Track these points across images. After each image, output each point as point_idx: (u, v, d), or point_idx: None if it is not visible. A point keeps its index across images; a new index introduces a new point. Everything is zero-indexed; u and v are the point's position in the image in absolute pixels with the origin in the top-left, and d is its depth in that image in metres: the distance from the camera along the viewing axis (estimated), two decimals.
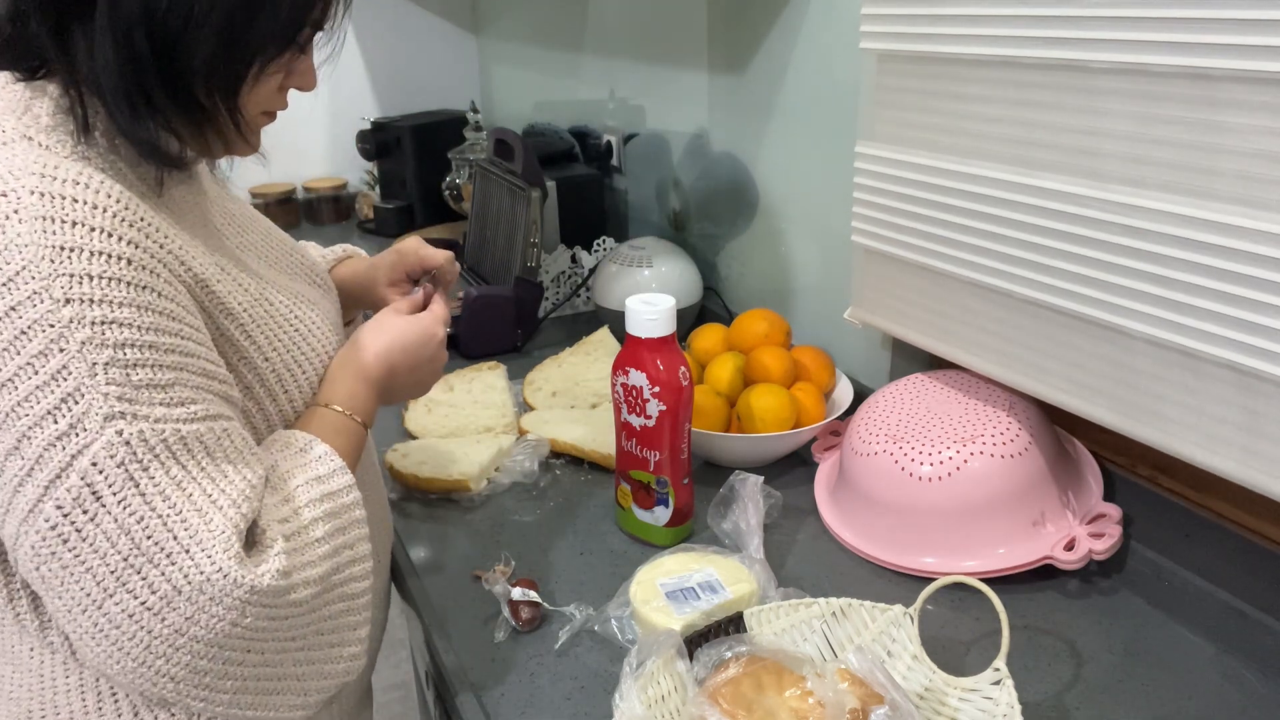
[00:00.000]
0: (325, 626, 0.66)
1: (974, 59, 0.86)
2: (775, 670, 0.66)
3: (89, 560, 0.55)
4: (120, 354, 0.55)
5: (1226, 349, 0.70)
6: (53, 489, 0.54)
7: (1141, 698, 0.74)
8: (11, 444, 0.55)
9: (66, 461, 0.54)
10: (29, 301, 0.54)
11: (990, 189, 0.86)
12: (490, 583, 0.87)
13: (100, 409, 0.55)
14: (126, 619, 0.56)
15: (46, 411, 0.54)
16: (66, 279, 0.54)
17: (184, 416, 0.58)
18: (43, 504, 0.55)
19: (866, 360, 1.22)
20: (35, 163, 0.56)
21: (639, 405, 0.91)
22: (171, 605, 0.56)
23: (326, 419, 0.73)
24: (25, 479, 0.55)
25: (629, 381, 0.91)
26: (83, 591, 0.56)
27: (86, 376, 0.54)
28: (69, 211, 0.55)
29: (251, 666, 0.61)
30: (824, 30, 1.19)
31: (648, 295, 0.91)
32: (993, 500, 0.87)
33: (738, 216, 1.46)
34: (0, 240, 0.54)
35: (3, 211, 0.55)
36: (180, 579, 0.56)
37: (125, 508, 0.55)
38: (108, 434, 0.55)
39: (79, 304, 0.54)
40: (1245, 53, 0.65)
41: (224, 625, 0.58)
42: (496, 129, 1.55)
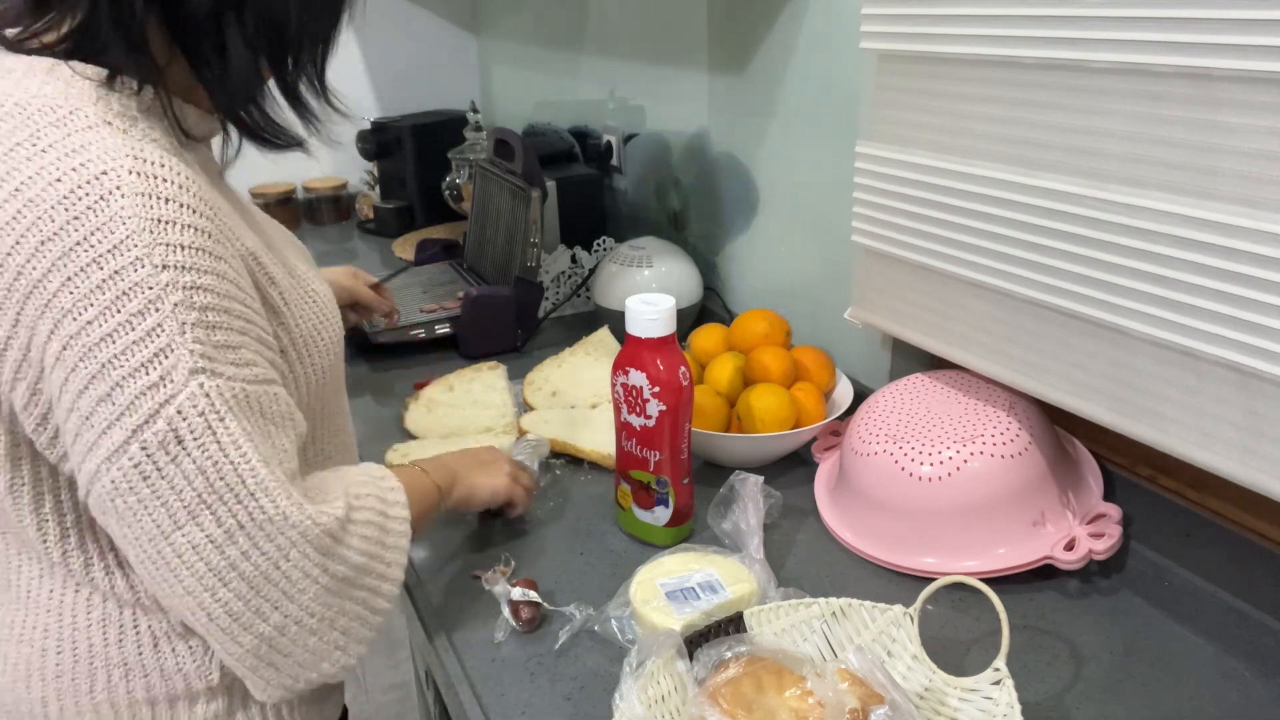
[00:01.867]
0: (339, 619, 0.69)
1: (974, 59, 0.86)
2: (775, 670, 0.66)
3: (165, 496, 0.62)
4: (204, 316, 0.62)
5: (1227, 349, 0.70)
6: (140, 432, 0.61)
7: (1141, 698, 0.74)
8: (104, 391, 0.61)
9: (155, 409, 0.61)
10: (131, 267, 0.60)
11: (990, 189, 0.86)
12: (490, 583, 0.87)
13: (187, 364, 0.61)
14: (190, 549, 0.63)
15: (141, 363, 0.61)
16: (164, 248, 0.61)
17: (248, 377, 0.65)
18: (129, 445, 0.61)
19: (866, 360, 1.22)
20: (125, 145, 0.63)
21: (639, 405, 0.91)
22: (233, 539, 0.63)
23: (406, 470, 0.85)
24: (114, 422, 0.61)
25: (629, 381, 0.91)
26: (154, 523, 0.62)
27: (177, 334, 0.61)
28: (162, 189, 0.62)
29: (272, 624, 0.66)
30: (824, 30, 1.19)
31: (648, 295, 0.91)
32: (993, 500, 0.87)
33: (738, 216, 1.46)
34: (106, 213, 0.60)
35: (106, 188, 0.61)
36: (245, 517, 0.63)
37: (203, 452, 0.62)
38: (192, 386, 0.61)
39: (174, 270, 0.61)
40: (1245, 53, 0.65)
41: (269, 564, 0.64)
42: (496, 129, 1.55)
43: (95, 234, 0.60)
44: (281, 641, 0.67)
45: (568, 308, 1.59)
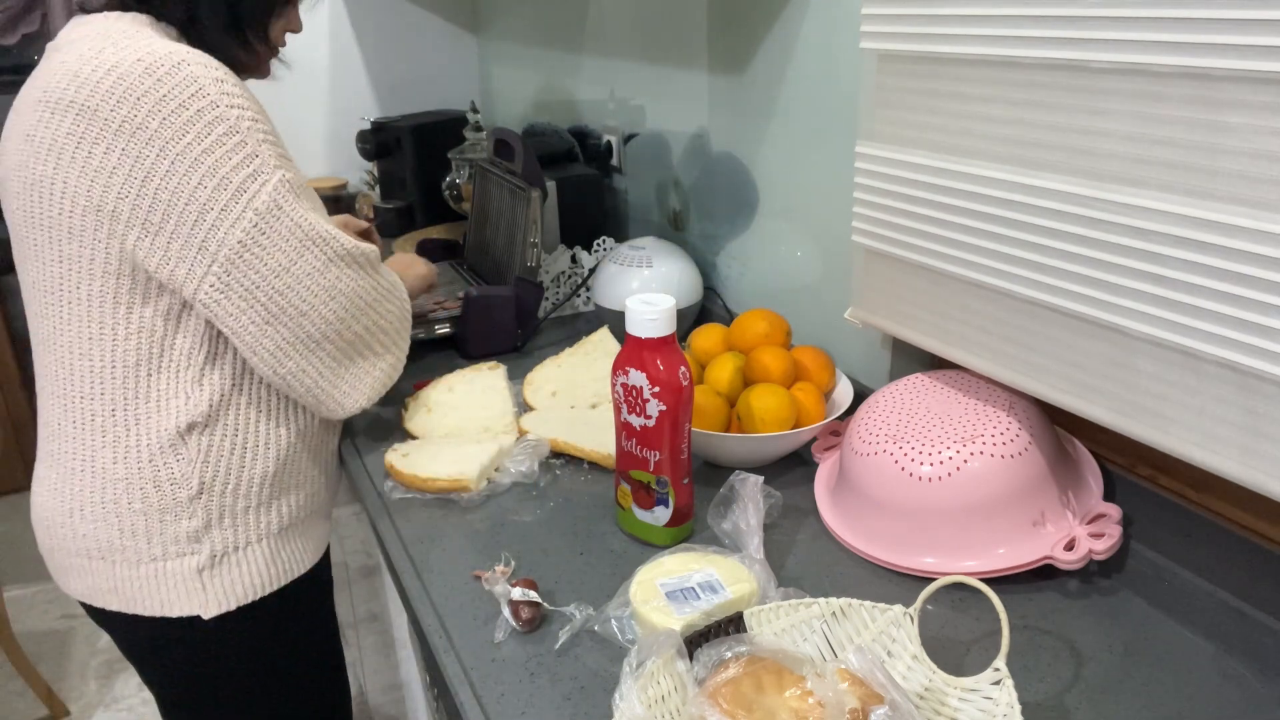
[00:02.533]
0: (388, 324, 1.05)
1: (974, 59, 0.86)
2: (775, 670, 0.66)
3: (279, 242, 0.92)
4: (268, 136, 0.92)
5: (1227, 349, 0.70)
6: (252, 202, 0.90)
7: (1141, 698, 0.74)
8: (217, 182, 0.89)
9: (258, 189, 0.90)
10: (211, 105, 0.88)
11: (990, 189, 0.86)
12: (490, 583, 0.87)
13: (271, 160, 0.91)
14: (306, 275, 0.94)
15: (238, 163, 0.89)
16: (228, 95, 0.89)
17: (297, 178, 0.94)
18: (245, 212, 0.90)
19: (866, 360, 1.22)
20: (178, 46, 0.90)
21: (639, 405, 0.91)
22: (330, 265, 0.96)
23: None
24: (233, 199, 0.89)
25: (629, 381, 0.91)
26: (276, 261, 0.92)
27: (258, 144, 0.90)
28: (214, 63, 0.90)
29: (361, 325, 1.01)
30: (824, 30, 1.19)
31: (648, 295, 0.91)
32: (993, 500, 0.87)
33: (738, 216, 1.46)
34: (181, 73, 0.88)
35: (176, 60, 0.88)
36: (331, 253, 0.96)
37: (296, 213, 0.93)
38: (278, 175, 0.91)
39: (239, 109, 0.89)
40: (1245, 53, 0.65)
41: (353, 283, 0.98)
42: (496, 129, 1.55)
43: (177, 88, 0.87)
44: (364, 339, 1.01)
45: (568, 308, 1.59)
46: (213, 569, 1.01)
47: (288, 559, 1.07)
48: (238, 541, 1.02)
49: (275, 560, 1.05)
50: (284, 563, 1.06)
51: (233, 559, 1.02)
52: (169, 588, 1.00)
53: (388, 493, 1.07)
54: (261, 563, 1.04)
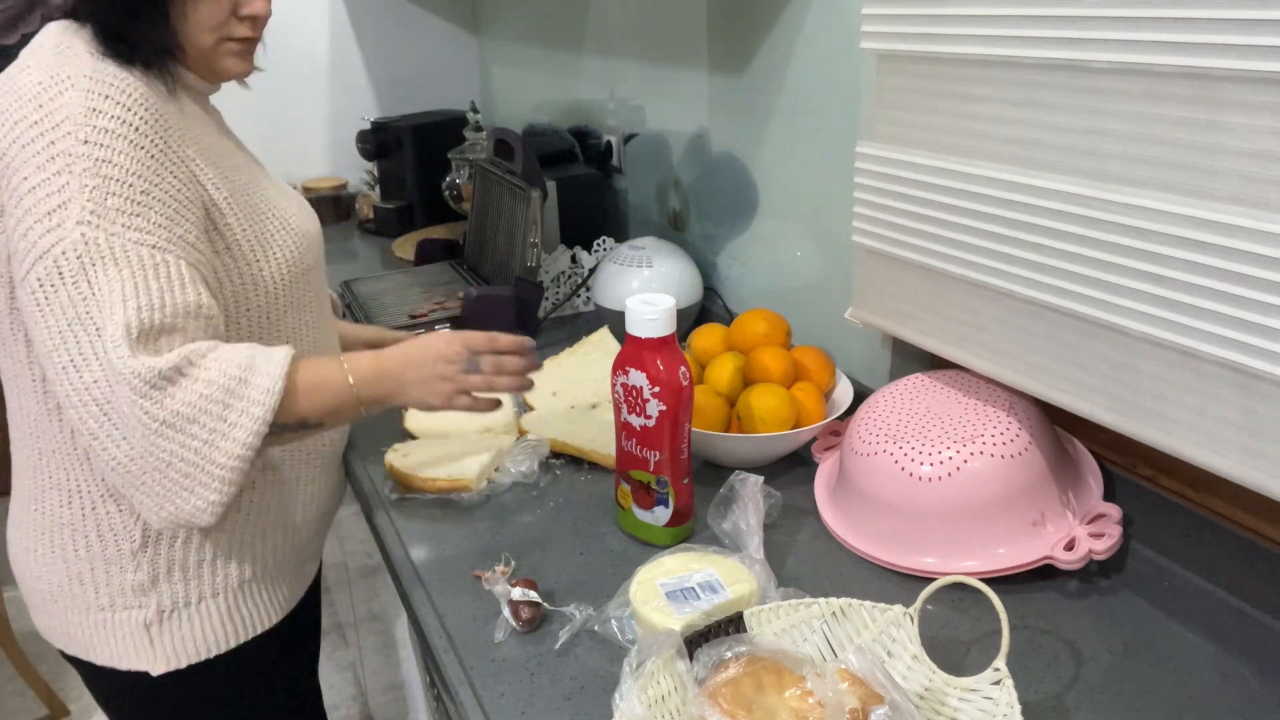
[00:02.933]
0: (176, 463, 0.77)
1: (975, 59, 0.86)
2: (775, 670, 0.66)
3: (49, 320, 0.76)
4: (105, 184, 0.77)
5: (1227, 349, 0.70)
6: (39, 262, 0.76)
7: (1141, 698, 0.74)
8: (26, 227, 0.77)
9: (48, 246, 0.76)
10: (63, 139, 0.77)
11: (991, 189, 0.86)
12: (490, 583, 0.87)
13: (75, 215, 0.76)
14: (60, 369, 0.77)
15: (47, 211, 0.76)
16: (89, 129, 0.77)
17: (135, 239, 0.77)
18: (32, 271, 0.76)
19: (866, 360, 1.22)
20: (91, 61, 0.81)
21: (639, 405, 0.91)
22: (80, 369, 0.76)
23: (325, 361, 0.89)
24: (27, 252, 0.77)
25: (629, 381, 0.91)
26: (44, 341, 0.77)
27: (77, 191, 0.76)
28: (106, 90, 0.79)
29: (123, 451, 0.77)
30: (824, 30, 1.19)
31: (647, 295, 0.91)
32: (993, 500, 0.87)
33: (738, 216, 1.46)
34: (59, 100, 0.79)
35: (63, 86, 0.79)
36: (90, 351, 0.76)
37: (75, 288, 0.76)
38: (75, 233, 0.76)
39: (91, 145, 0.77)
40: (1245, 53, 0.65)
41: (110, 396, 0.76)
42: (496, 129, 1.55)
43: (50, 115, 0.78)
44: (133, 469, 0.77)
45: (568, 308, 1.59)
46: (161, 624, 0.92)
47: (249, 614, 0.97)
48: (189, 596, 0.93)
49: (233, 616, 0.96)
50: (244, 618, 0.97)
51: (183, 614, 0.93)
52: (117, 640, 0.93)
53: (387, 493, 1.07)
54: (216, 619, 0.95)
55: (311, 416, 0.85)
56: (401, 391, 0.91)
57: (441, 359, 0.92)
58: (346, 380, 0.87)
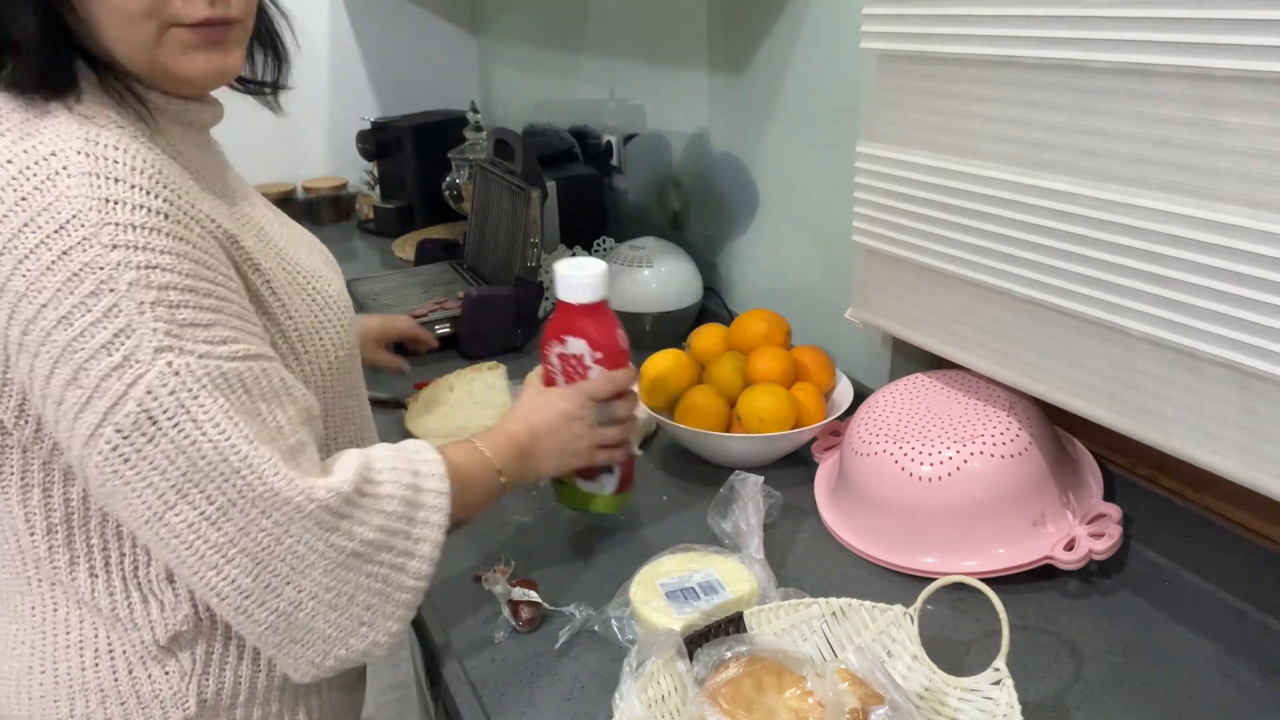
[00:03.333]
0: (359, 595, 0.67)
1: (975, 59, 0.86)
2: (775, 670, 0.66)
3: (150, 477, 0.61)
4: (165, 295, 0.60)
5: (1227, 349, 0.70)
6: (111, 414, 0.59)
7: (1141, 698, 0.74)
8: (69, 375, 0.60)
9: (123, 390, 0.59)
10: (79, 247, 0.59)
11: (991, 189, 0.86)
12: (490, 583, 0.87)
13: (151, 342, 0.60)
14: (186, 528, 0.62)
15: (101, 345, 0.59)
16: (113, 227, 0.59)
17: (226, 354, 0.63)
18: (103, 428, 0.60)
19: (866, 360, 1.22)
20: (79, 129, 0.62)
21: (579, 373, 0.88)
22: (227, 515, 0.62)
23: (462, 447, 0.80)
24: (85, 406, 0.60)
25: (567, 350, 0.88)
26: (144, 504, 0.61)
27: (136, 314, 0.59)
28: (112, 169, 0.61)
29: (285, 599, 0.65)
30: (824, 30, 1.19)
31: (574, 260, 0.88)
32: (993, 500, 0.87)
33: (738, 216, 1.46)
34: (52, 193, 0.59)
35: (53, 168, 0.60)
36: (234, 493, 0.62)
37: (180, 430, 0.60)
38: (159, 365, 0.60)
39: (125, 250, 0.60)
40: (1245, 53, 0.65)
41: (270, 540, 0.63)
42: (496, 129, 1.55)
43: (42, 214, 0.59)
44: (299, 617, 0.66)
45: None
46: None
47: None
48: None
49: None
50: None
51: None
52: None
53: None
54: None
55: (468, 514, 0.79)
56: (540, 465, 0.85)
57: (571, 419, 0.86)
58: (494, 469, 0.81)
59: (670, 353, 1.16)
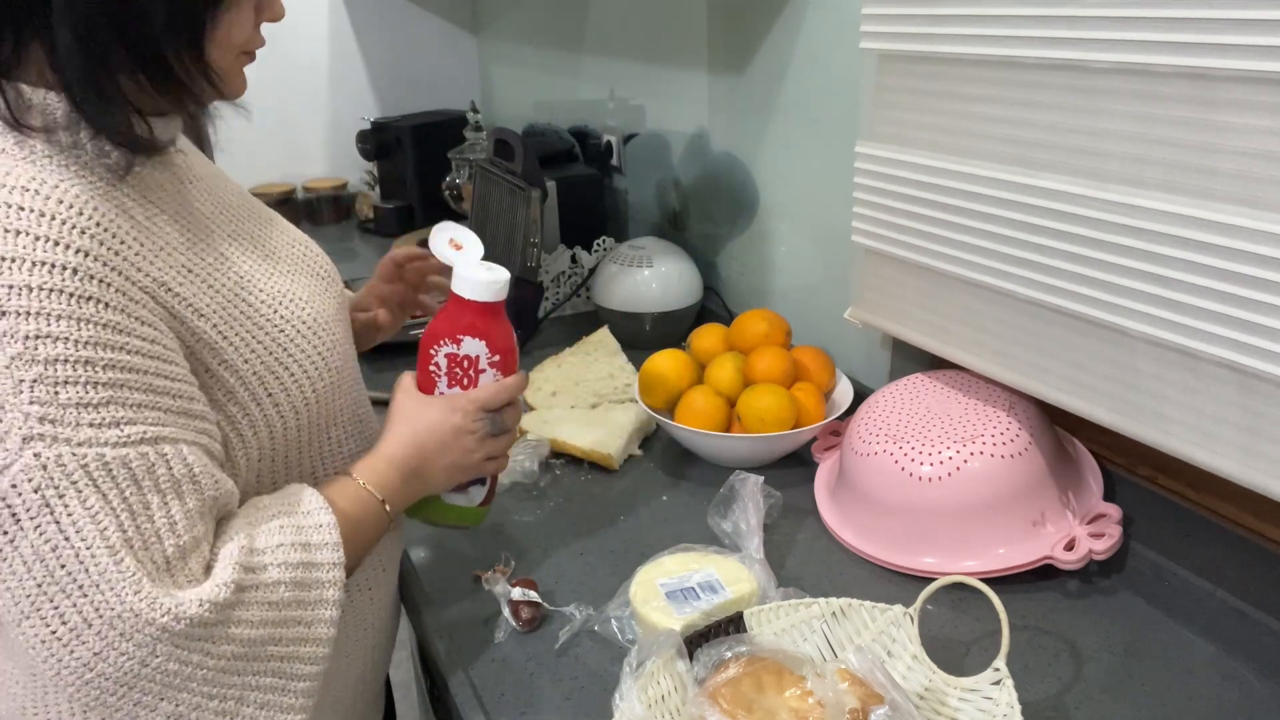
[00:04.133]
0: (250, 695, 0.61)
1: (974, 59, 0.86)
2: (775, 670, 0.66)
3: (8, 580, 0.55)
4: (50, 370, 0.54)
5: (1226, 349, 0.70)
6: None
7: (1141, 698, 0.74)
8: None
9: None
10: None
11: (991, 189, 0.86)
12: (490, 583, 0.87)
13: (20, 429, 0.53)
14: (40, 644, 0.55)
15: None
16: (4, 290, 0.53)
17: (113, 440, 0.56)
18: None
19: (866, 360, 1.22)
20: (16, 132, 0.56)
21: (469, 376, 0.81)
22: (80, 638, 0.55)
23: (347, 489, 0.72)
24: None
25: (459, 351, 0.80)
26: (11, 605, 0.55)
27: (11, 394, 0.53)
28: (14, 220, 0.54)
29: (163, 715, 0.58)
30: (824, 30, 1.19)
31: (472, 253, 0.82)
32: (993, 500, 0.87)
33: (738, 216, 1.46)
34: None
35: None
36: (90, 612, 0.55)
37: (40, 534, 0.54)
38: (25, 456, 0.53)
39: (14, 317, 0.53)
40: (1245, 53, 0.65)
41: (132, 664, 0.56)
42: (496, 129, 1.55)
43: None
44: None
45: (568, 308, 1.59)
46: None
47: None
48: None
49: None
50: None
51: None
52: None
53: None
54: None
55: (358, 561, 0.73)
56: (428, 485, 0.78)
57: (462, 433, 0.78)
58: (381, 507, 0.73)
59: (670, 353, 1.16)
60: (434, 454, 0.77)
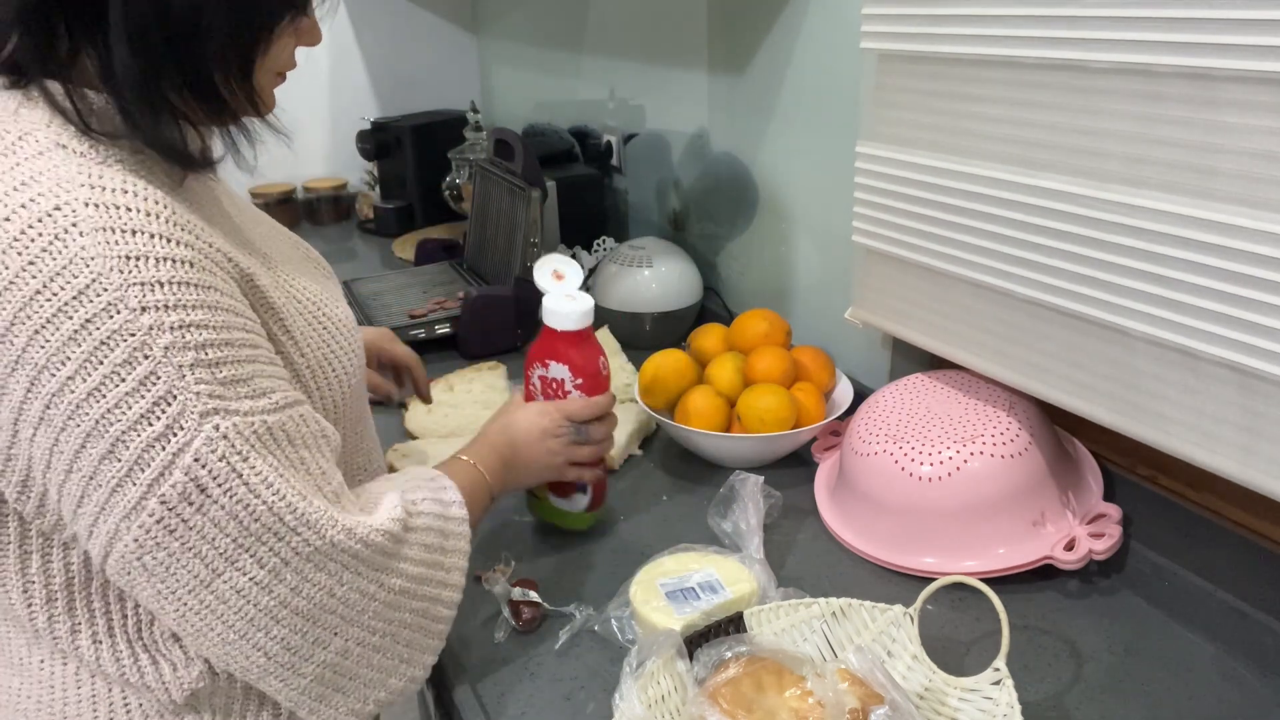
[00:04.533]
0: (402, 633, 0.68)
1: (974, 59, 0.86)
2: (775, 670, 0.66)
3: (197, 546, 0.58)
4: (203, 354, 0.57)
5: (1226, 349, 0.70)
6: (156, 486, 0.56)
7: (1141, 698, 0.74)
8: (105, 449, 0.56)
9: (169, 460, 0.56)
10: (104, 313, 0.55)
11: (991, 189, 0.86)
12: (490, 583, 0.87)
13: (195, 407, 0.57)
14: (235, 595, 0.60)
15: (140, 415, 0.56)
16: (139, 288, 0.55)
17: (268, 407, 0.61)
18: (146, 501, 0.57)
19: (866, 360, 1.22)
20: (80, 173, 0.57)
21: (560, 396, 0.91)
22: (279, 577, 0.60)
23: (462, 467, 0.82)
24: (124, 480, 0.56)
25: (549, 374, 0.91)
26: (190, 574, 0.59)
27: (176, 379, 0.56)
28: (126, 220, 0.56)
29: (334, 650, 0.64)
30: (824, 30, 1.19)
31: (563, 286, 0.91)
32: (993, 500, 0.87)
33: (738, 216, 1.46)
34: (65, 255, 0.54)
35: (61, 226, 0.55)
36: (289, 553, 0.60)
37: (231, 496, 0.58)
38: (206, 430, 0.57)
39: (155, 311, 0.56)
40: (1245, 53, 0.65)
41: (322, 594, 0.62)
42: (496, 129, 1.55)
43: (56, 279, 0.54)
44: (345, 665, 0.65)
45: None
46: None
47: None
48: None
49: None
50: None
51: None
52: None
53: None
54: None
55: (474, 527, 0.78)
56: (519, 477, 0.88)
57: (548, 435, 0.88)
58: (487, 484, 0.82)
59: (670, 353, 1.16)
60: (523, 448, 0.87)
